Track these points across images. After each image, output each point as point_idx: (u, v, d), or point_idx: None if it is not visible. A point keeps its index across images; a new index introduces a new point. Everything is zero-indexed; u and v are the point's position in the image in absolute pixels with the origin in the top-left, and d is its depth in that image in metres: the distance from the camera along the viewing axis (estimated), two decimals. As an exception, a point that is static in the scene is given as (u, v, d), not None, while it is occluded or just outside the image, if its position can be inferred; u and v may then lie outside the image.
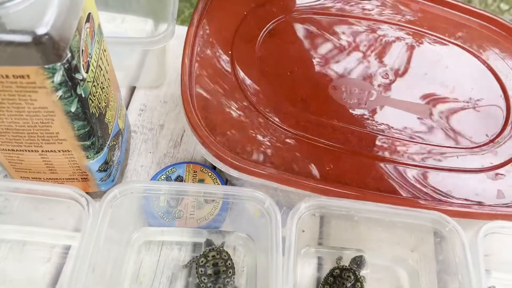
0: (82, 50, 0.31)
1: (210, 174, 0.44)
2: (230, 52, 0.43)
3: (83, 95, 0.32)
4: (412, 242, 0.40)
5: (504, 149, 0.41)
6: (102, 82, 0.36)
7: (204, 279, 0.38)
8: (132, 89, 0.53)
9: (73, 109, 0.32)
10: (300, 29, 0.46)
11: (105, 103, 0.37)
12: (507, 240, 0.38)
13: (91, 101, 0.34)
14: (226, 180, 0.45)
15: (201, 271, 0.38)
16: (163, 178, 0.44)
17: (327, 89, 0.43)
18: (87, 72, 0.32)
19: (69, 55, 0.29)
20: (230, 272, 0.38)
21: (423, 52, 0.47)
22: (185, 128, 0.48)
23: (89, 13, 0.32)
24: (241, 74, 0.42)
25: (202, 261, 0.39)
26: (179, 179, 0.44)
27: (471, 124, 0.42)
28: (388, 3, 0.50)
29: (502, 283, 0.40)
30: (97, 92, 0.35)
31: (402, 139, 0.40)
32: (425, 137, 0.41)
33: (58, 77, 0.29)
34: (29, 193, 0.36)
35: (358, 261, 0.40)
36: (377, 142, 0.39)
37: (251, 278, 0.39)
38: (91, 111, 0.34)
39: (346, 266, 0.40)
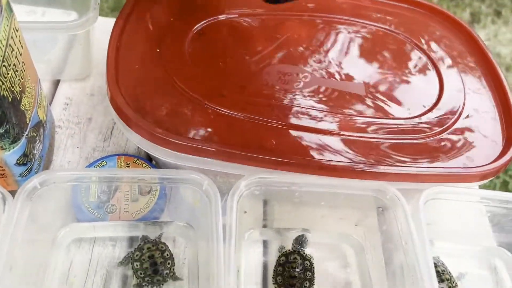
0: (-14, 22, 0.28)
1: (144, 165, 0.42)
2: (158, 50, 0.41)
3: (-10, 74, 0.29)
4: (356, 216, 0.40)
5: (441, 118, 0.41)
6: (15, 64, 0.33)
7: (141, 274, 0.35)
8: (56, 83, 0.49)
9: (-22, 89, 0.28)
10: (228, 28, 0.45)
11: (19, 87, 0.34)
12: (447, 208, 0.39)
13: (1, 83, 0.30)
14: (162, 170, 0.42)
15: (137, 265, 0.35)
16: (92, 172, 0.41)
17: (261, 74, 0.42)
18: (-7, 48, 0.29)
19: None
20: (168, 264, 0.36)
21: (354, 38, 0.47)
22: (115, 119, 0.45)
23: (-7, -18, 0.29)
24: (172, 66, 0.40)
25: (137, 255, 0.36)
26: (111, 171, 0.41)
27: (407, 97, 0.43)
28: None
29: (445, 253, 0.41)
30: (8, 73, 0.31)
31: (341, 113, 0.39)
32: (364, 111, 0.40)
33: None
34: None
35: (300, 241, 0.38)
36: (317, 117, 0.39)
37: (193, 268, 0.37)
38: (1, 94, 0.30)
39: (289, 249, 0.38)
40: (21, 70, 0.34)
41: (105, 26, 0.45)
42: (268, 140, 0.36)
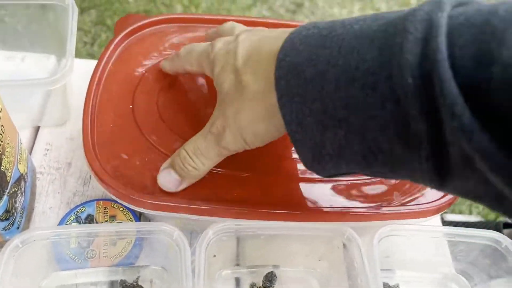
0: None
1: (122, 209, 0.44)
2: (131, 106, 0.43)
3: (-30, 148, 0.31)
4: (320, 252, 0.43)
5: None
6: (-7, 131, 0.35)
7: (120, 317, 0.38)
8: (37, 129, 0.51)
9: (-41, 163, 0.31)
10: (195, 80, 0.47)
11: (-1, 151, 0.36)
12: (404, 241, 0.42)
13: (-19, 152, 0.33)
14: (139, 214, 0.45)
15: (117, 309, 0.38)
16: (72, 219, 0.43)
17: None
18: (-28, 124, 0.31)
19: None
20: (146, 306, 0.39)
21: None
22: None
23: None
24: (145, 123, 0.42)
25: (117, 299, 0.39)
26: (90, 217, 0.43)
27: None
28: None
29: (405, 280, 0.44)
30: (-13, 142, 0.34)
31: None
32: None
33: None
34: None
35: (270, 278, 0.41)
36: (277, 165, 0.41)
37: (169, 309, 0.40)
38: (-18, 163, 0.33)
39: (260, 286, 0.41)
40: (0, 134, 0.37)
41: (82, 68, 0.47)
42: (233, 191, 0.39)
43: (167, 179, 0.38)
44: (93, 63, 0.50)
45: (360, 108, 0.25)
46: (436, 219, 0.49)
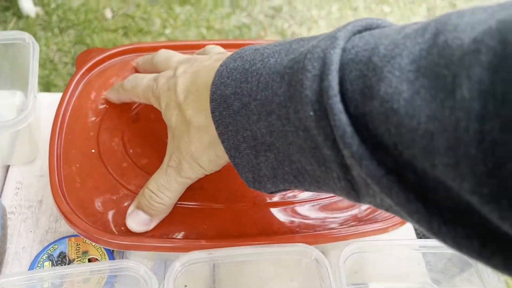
0: None
1: (94, 244, 0.45)
2: (96, 144, 0.43)
3: None
4: (292, 273, 0.43)
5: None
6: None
7: None
8: (6, 168, 0.51)
9: None
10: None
11: (-39, 201, 0.36)
12: (373, 255, 0.42)
13: None
14: (112, 250, 0.45)
15: None
16: (45, 258, 0.43)
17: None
18: None
19: None
20: None
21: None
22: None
23: None
24: (109, 159, 0.42)
25: (92, 337, 0.39)
26: (62, 255, 0.44)
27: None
28: None
29: (379, 292, 0.45)
30: None
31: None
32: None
33: None
34: None
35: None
36: (244, 193, 0.42)
37: None
38: None
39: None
40: (-38, 184, 0.37)
41: (51, 101, 0.47)
42: (202, 223, 0.39)
43: (137, 221, 0.38)
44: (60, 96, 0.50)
45: (282, 135, 0.28)
46: (410, 231, 0.49)
